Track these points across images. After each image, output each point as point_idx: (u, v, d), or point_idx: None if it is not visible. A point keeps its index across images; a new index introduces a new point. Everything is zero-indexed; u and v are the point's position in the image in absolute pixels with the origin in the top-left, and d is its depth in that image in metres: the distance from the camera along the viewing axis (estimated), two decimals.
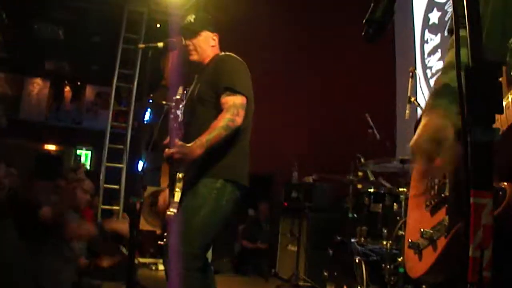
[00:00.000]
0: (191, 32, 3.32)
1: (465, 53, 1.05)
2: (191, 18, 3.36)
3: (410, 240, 1.73)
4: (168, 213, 2.88)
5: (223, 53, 3.38)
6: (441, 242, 1.52)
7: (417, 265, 1.68)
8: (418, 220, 1.74)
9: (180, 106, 3.18)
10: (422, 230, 1.63)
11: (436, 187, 1.67)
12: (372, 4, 1.36)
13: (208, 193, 3.02)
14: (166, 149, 3.01)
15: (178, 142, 2.97)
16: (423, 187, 1.76)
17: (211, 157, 3.02)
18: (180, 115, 3.17)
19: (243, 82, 3.18)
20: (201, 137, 2.94)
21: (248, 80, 3.23)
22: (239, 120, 3.03)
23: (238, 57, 3.31)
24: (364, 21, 1.34)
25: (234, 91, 3.08)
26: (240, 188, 3.14)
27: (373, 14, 1.34)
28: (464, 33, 1.04)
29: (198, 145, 2.93)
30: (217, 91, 3.13)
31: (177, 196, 2.95)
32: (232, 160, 3.13)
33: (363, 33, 1.35)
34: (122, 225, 4.48)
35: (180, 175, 2.99)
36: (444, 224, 1.51)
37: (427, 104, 1.71)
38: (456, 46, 1.07)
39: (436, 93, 1.64)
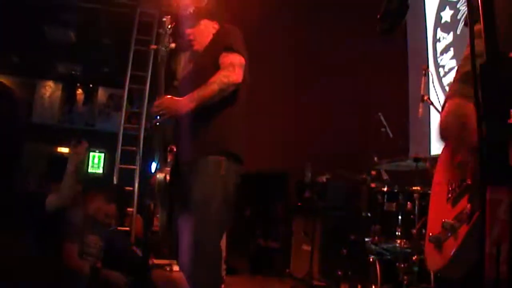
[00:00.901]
0: (191, 21, 3.36)
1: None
2: (191, 9, 3.43)
3: (431, 234, 1.71)
4: (158, 175, 3.02)
5: None
6: (463, 230, 1.50)
7: (438, 258, 1.66)
8: (439, 214, 1.73)
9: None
10: (443, 221, 1.61)
11: (456, 181, 1.66)
12: None
13: (214, 183, 2.95)
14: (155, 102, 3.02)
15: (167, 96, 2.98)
16: (445, 182, 1.74)
17: (208, 128, 3.01)
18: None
19: (242, 46, 3.15)
20: (194, 92, 2.92)
21: (245, 48, 3.18)
22: (234, 76, 2.96)
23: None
24: (379, 15, 1.33)
25: (232, 50, 3.05)
26: (240, 163, 3.08)
27: (388, 6, 1.32)
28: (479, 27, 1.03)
29: (189, 99, 2.90)
30: (216, 55, 3.09)
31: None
32: (230, 131, 3.08)
33: (378, 27, 1.34)
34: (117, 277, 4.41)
35: (171, 147, 3.04)
36: (465, 213, 1.49)
37: (450, 89, 1.71)
38: (471, 41, 1.06)
39: (460, 79, 1.64)
